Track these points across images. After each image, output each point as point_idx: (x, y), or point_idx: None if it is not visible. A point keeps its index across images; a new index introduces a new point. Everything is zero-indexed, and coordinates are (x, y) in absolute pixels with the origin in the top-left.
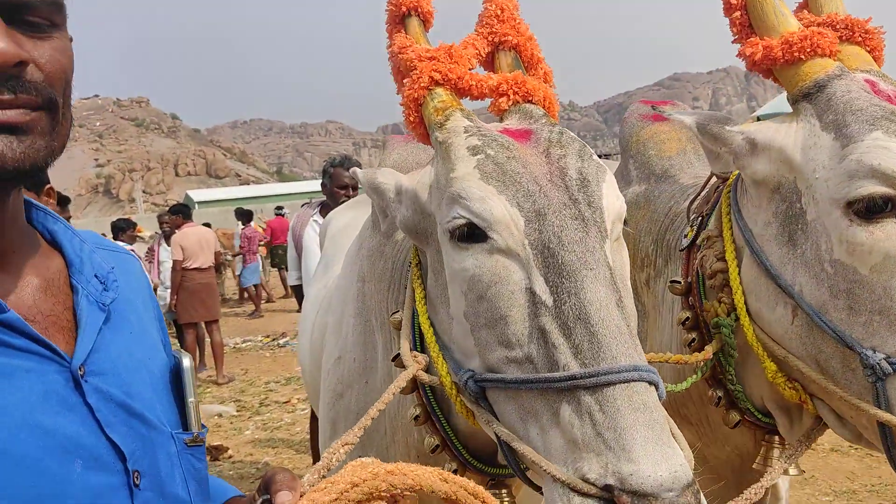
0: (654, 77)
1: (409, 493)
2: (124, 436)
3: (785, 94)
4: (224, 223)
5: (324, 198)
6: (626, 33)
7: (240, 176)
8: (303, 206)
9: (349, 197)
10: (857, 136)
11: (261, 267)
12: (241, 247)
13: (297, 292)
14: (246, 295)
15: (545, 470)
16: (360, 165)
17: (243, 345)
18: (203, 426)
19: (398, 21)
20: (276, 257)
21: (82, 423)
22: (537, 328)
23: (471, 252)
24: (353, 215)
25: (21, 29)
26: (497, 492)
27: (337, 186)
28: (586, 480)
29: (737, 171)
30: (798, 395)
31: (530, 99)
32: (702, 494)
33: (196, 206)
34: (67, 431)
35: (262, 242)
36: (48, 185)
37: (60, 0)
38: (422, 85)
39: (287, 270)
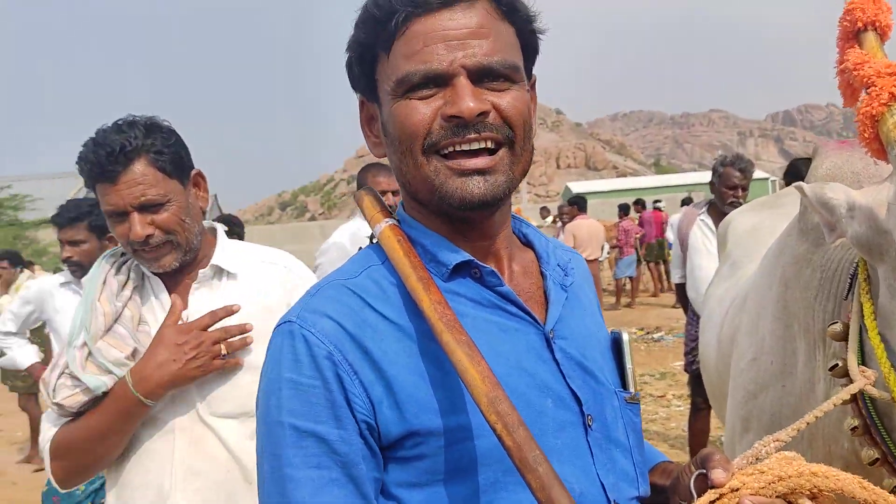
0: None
1: (829, 494)
2: (580, 387)
3: None
4: (601, 214)
5: (705, 193)
6: None
7: (617, 168)
8: (684, 202)
9: (737, 198)
10: None
11: (636, 260)
12: (618, 239)
13: (680, 290)
14: (614, 287)
15: None
16: (751, 163)
17: None
18: (638, 390)
19: (851, 36)
20: (649, 252)
21: (552, 373)
22: None
23: None
24: (759, 218)
25: (486, 86)
26: None
27: (726, 186)
28: None
29: None
30: None
31: None
32: None
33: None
34: (543, 377)
35: (637, 236)
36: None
37: (516, 64)
38: (881, 101)
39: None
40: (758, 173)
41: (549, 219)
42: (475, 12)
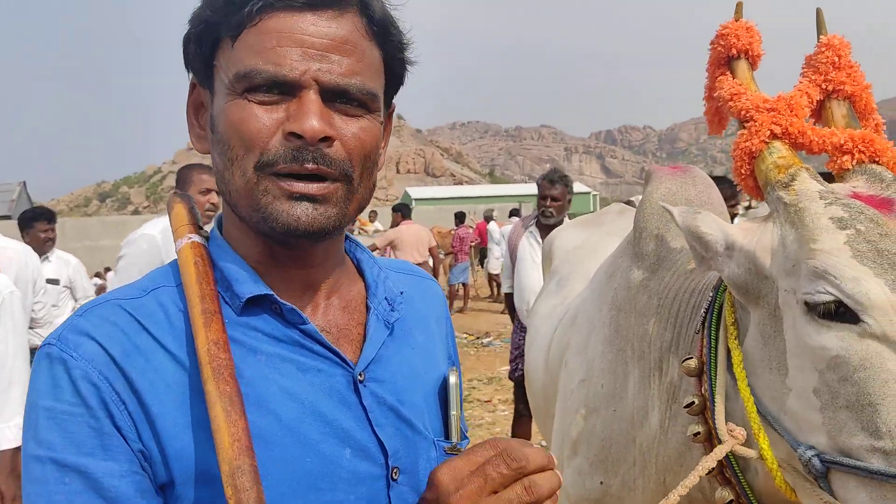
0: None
1: None
2: (391, 436)
3: None
4: (438, 221)
5: (533, 204)
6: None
7: (454, 176)
8: (512, 213)
9: (549, 208)
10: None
11: (470, 266)
12: (453, 246)
13: (509, 300)
14: (448, 292)
15: None
16: (563, 177)
17: None
18: (465, 437)
19: (723, 63)
20: (484, 258)
21: (356, 420)
22: None
23: (834, 332)
24: (585, 236)
25: (336, 108)
26: None
27: (541, 197)
28: None
29: None
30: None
31: (877, 159)
32: None
33: (413, 202)
34: (343, 424)
35: (472, 244)
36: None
37: (375, 92)
38: (761, 139)
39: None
40: (581, 187)
41: (377, 224)
42: (343, 24)
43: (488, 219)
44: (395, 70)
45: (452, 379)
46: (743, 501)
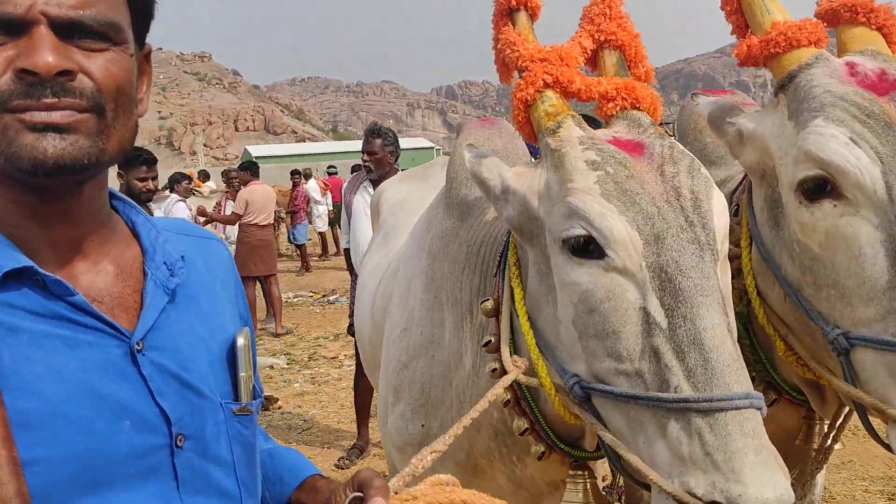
0: (716, 43)
1: None
2: (174, 403)
3: None
4: (280, 179)
5: None
6: None
7: (296, 133)
8: (353, 169)
9: (365, 162)
10: (805, 124)
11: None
12: (295, 204)
13: (347, 255)
14: (294, 252)
15: (651, 480)
16: (382, 131)
17: (295, 300)
18: (258, 396)
19: (506, 14)
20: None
21: (135, 391)
22: (650, 347)
23: (585, 267)
24: (409, 189)
25: (76, 44)
26: (580, 472)
27: (363, 151)
28: (692, 494)
29: None
30: (809, 371)
31: (638, 106)
32: None
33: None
34: (120, 397)
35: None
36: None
37: (116, 22)
38: (535, 88)
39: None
40: (424, 143)
41: (210, 184)
42: None
43: (307, 177)
44: (140, 2)
45: (241, 341)
46: (537, 429)
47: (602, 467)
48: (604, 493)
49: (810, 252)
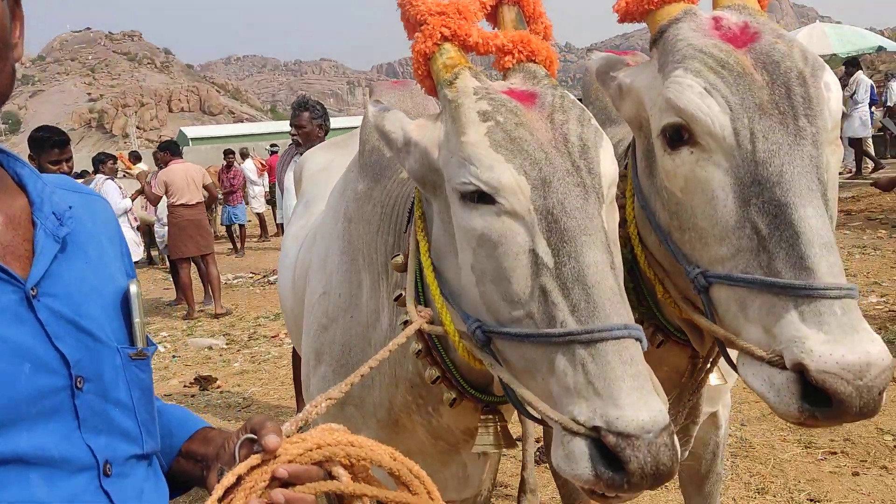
0: None
1: (363, 463)
2: (71, 347)
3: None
4: (217, 160)
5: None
6: None
7: (234, 113)
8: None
9: (293, 136)
10: (668, 75)
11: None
12: (232, 184)
13: (283, 230)
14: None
15: (540, 410)
16: (309, 104)
17: (234, 281)
18: (151, 344)
19: None
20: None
21: (33, 335)
22: (539, 286)
23: (479, 212)
24: (330, 157)
25: None
26: (490, 416)
27: (291, 125)
28: (576, 422)
29: None
30: (684, 311)
31: (534, 59)
32: (675, 436)
33: (190, 142)
34: (18, 340)
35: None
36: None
37: None
38: (432, 41)
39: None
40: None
41: (142, 165)
42: None
43: (244, 156)
44: None
45: (133, 288)
46: (448, 376)
47: (511, 411)
48: (537, 454)
49: (674, 197)
